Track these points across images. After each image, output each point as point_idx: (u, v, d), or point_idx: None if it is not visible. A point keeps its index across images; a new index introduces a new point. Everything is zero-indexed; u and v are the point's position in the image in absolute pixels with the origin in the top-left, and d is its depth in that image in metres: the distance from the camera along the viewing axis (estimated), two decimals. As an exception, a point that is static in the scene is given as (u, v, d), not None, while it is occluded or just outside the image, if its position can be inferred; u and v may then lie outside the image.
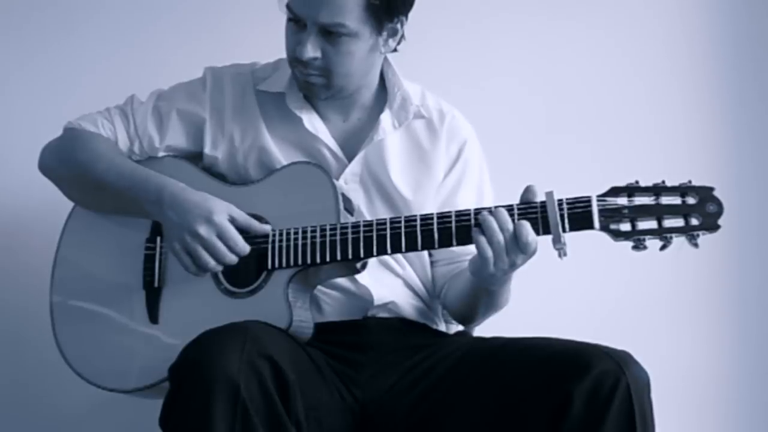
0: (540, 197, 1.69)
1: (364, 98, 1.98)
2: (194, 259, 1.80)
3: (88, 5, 2.51)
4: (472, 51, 2.59)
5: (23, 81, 2.47)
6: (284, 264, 1.81)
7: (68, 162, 1.97)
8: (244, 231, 1.82)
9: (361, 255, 1.78)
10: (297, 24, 1.85)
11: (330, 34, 1.83)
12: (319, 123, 1.96)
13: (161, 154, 1.98)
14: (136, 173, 1.91)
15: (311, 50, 1.83)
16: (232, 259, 1.80)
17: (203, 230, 1.79)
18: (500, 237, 1.67)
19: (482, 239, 1.68)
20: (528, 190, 1.70)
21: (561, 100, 2.61)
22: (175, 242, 1.82)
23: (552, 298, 2.50)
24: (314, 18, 1.81)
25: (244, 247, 1.81)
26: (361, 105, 1.98)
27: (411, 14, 1.90)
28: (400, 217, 1.77)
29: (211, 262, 1.80)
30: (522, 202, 1.70)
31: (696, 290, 2.61)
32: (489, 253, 1.68)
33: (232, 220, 1.81)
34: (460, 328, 2.02)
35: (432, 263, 1.98)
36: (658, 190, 1.64)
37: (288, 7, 1.85)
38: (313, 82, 1.88)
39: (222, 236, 1.79)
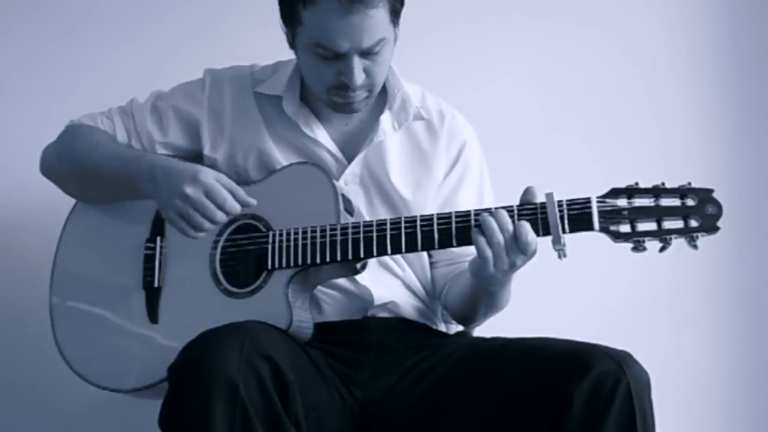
0: (540, 198, 1.69)
1: None
2: (187, 221, 1.78)
3: (88, 5, 2.51)
4: (471, 51, 2.58)
5: (23, 81, 2.47)
6: (284, 264, 1.81)
7: (66, 156, 1.97)
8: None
9: (361, 255, 1.78)
10: (330, 56, 1.80)
11: (370, 52, 1.80)
12: (317, 126, 1.95)
13: (160, 150, 1.98)
14: (129, 153, 1.90)
15: (359, 75, 1.81)
16: (222, 216, 1.77)
17: (190, 190, 1.76)
18: (500, 237, 1.67)
19: (482, 240, 1.68)
20: (528, 191, 1.70)
21: (561, 100, 2.60)
22: (168, 209, 1.80)
23: (552, 298, 2.49)
24: (358, 47, 1.78)
25: (233, 205, 1.78)
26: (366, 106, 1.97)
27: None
28: (400, 218, 1.77)
29: (206, 224, 1.78)
30: (522, 203, 1.70)
31: (696, 290, 2.61)
32: (488, 253, 1.68)
33: (219, 182, 1.79)
34: (460, 328, 2.02)
35: (432, 264, 1.98)
36: (657, 191, 1.64)
37: (318, 45, 1.79)
38: (358, 100, 1.86)
39: (210, 194, 1.77)
